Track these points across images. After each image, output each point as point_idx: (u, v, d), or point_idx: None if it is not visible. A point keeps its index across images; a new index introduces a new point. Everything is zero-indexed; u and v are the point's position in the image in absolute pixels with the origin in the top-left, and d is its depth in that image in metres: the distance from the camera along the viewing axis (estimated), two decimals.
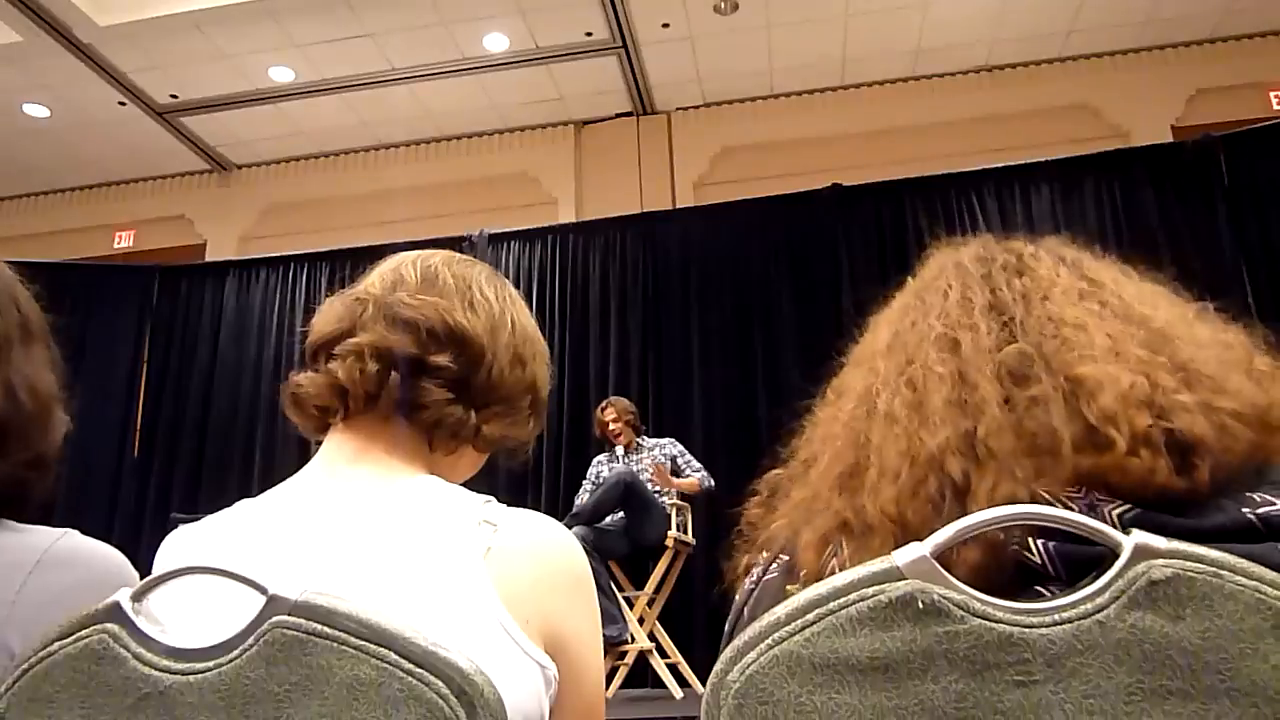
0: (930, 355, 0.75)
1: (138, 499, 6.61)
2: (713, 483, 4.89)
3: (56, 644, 0.72)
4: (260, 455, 6.48)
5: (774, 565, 0.79)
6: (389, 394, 0.91)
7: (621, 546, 4.71)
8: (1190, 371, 0.68)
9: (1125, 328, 0.72)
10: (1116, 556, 0.55)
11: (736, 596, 0.82)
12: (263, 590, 0.69)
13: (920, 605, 0.56)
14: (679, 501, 4.86)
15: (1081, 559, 0.58)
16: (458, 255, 1.05)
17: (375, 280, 0.99)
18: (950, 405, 0.70)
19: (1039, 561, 0.61)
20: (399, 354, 0.92)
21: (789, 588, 0.71)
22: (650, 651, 4.59)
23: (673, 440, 5.10)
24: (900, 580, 0.57)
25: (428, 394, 0.92)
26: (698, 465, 4.95)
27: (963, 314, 0.77)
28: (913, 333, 0.79)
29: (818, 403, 0.88)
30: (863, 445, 0.74)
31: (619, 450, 4.98)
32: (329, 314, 0.98)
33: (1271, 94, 6.40)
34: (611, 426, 4.99)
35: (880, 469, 0.70)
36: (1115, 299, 0.75)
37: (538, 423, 1.03)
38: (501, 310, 0.99)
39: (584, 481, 5.10)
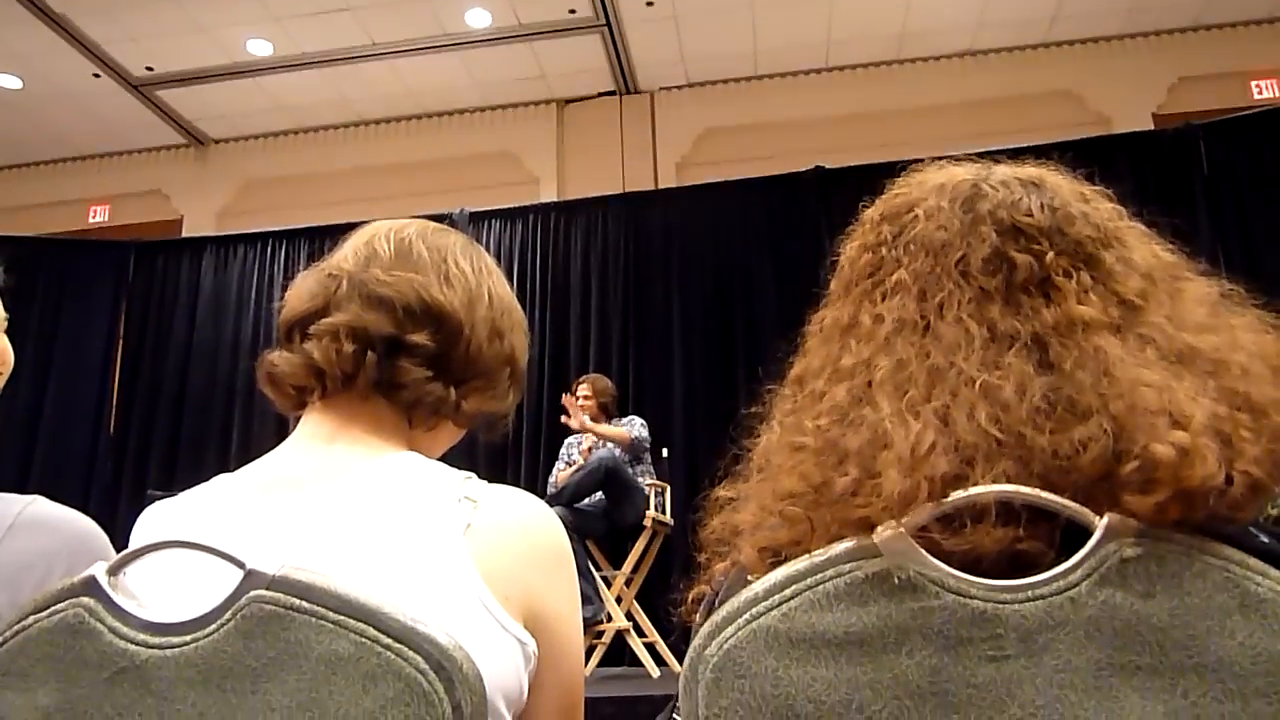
0: (960, 395, 0.65)
1: (114, 476, 6.56)
2: (642, 434, 4.91)
3: (31, 618, 0.72)
4: (237, 432, 6.44)
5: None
6: (366, 374, 0.90)
7: (600, 527, 4.72)
8: (1251, 405, 0.62)
9: (1175, 371, 0.64)
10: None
11: (698, 615, 0.77)
12: (240, 565, 0.69)
13: (896, 581, 0.57)
14: (657, 483, 4.89)
15: None
16: (432, 225, 1.03)
17: (349, 254, 0.97)
18: (974, 456, 0.62)
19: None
20: (375, 334, 0.90)
21: (750, 577, 0.67)
22: (627, 631, 4.61)
23: (641, 421, 5.08)
24: (876, 557, 0.58)
25: (406, 373, 0.91)
26: (640, 424, 4.97)
27: (991, 353, 0.67)
28: (920, 365, 0.68)
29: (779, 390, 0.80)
30: (849, 455, 0.66)
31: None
32: (302, 290, 0.96)
33: (1253, 83, 6.45)
34: (581, 403, 4.95)
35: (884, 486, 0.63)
36: (1158, 331, 0.67)
37: (516, 393, 1.03)
38: (478, 283, 0.98)
39: (557, 462, 5.11)
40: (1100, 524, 0.56)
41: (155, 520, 0.89)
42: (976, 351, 0.67)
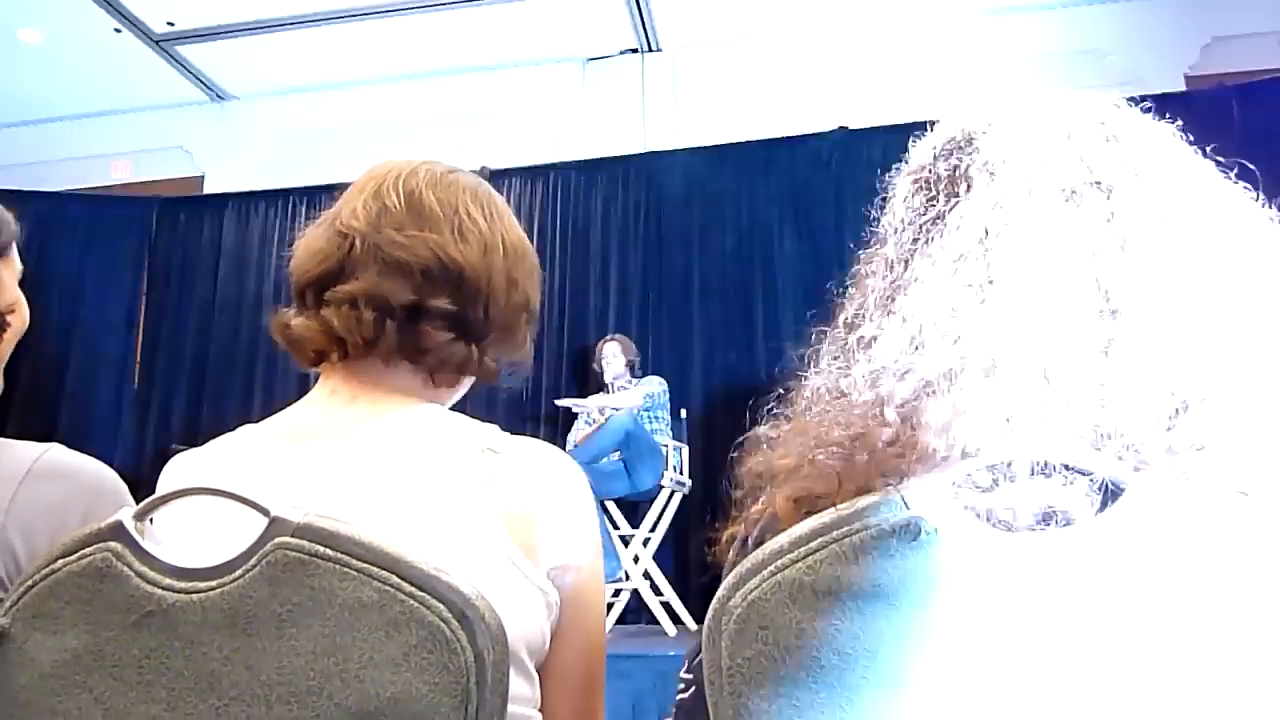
0: (1014, 348, 0.62)
1: (138, 431, 6.64)
2: (636, 405, 4.90)
3: (60, 561, 0.73)
4: (260, 388, 6.49)
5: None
6: (388, 340, 0.90)
7: (618, 488, 4.75)
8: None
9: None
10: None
11: (731, 553, 0.75)
12: (265, 512, 0.70)
13: (923, 534, 0.56)
14: (675, 443, 4.90)
15: None
16: (439, 167, 1.01)
17: (358, 209, 0.94)
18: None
19: None
20: (395, 301, 0.89)
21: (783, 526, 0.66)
22: (644, 589, 4.65)
23: (662, 384, 5.12)
24: (904, 510, 0.57)
25: (428, 338, 0.91)
26: (659, 382, 5.05)
27: (1052, 301, 0.64)
28: (975, 314, 0.65)
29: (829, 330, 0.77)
30: (892, 406, 0.64)
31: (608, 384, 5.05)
32: (312, 246, 0.95)
33: None
34: (610, 360, 5.06)
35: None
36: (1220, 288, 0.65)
37: (532, 333, 1.02)
38: (491, 231, 0.96)
39: (576, 421, 5.15)
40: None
41: (181, 469, 0.90)
42: (1038, 298, 0.64)
